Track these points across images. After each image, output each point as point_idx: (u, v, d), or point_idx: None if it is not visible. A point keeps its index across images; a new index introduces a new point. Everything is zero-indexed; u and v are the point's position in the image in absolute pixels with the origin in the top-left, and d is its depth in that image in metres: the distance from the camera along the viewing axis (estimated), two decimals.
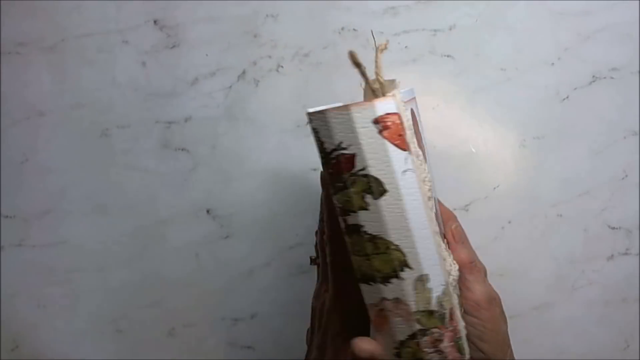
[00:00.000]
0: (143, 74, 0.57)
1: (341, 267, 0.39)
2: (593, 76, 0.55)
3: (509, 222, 0.55)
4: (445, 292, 0.34)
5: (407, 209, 0.32)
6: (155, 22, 0.57)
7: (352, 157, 0.32)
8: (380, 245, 0.33)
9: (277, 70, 0.56)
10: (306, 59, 0.56)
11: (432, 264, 0.34)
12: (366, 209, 0.33)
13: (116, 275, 0.58)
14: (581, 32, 0.55)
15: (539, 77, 0.55)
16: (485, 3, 0.55)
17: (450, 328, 0.35)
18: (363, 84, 0.35)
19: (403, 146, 0.32)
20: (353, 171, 0.32)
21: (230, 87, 0.56)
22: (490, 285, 0.40)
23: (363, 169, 0.32)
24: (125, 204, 0.58)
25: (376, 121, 0.32)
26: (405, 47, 0.55)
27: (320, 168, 0.49)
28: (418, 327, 0.34)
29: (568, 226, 0.55)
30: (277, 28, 0.56)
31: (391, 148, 0.32)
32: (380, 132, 0.32)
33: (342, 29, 0.56)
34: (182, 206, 0.57)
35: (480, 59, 0.55)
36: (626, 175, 0.55)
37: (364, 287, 0.35)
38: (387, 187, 0.32)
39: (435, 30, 0.55)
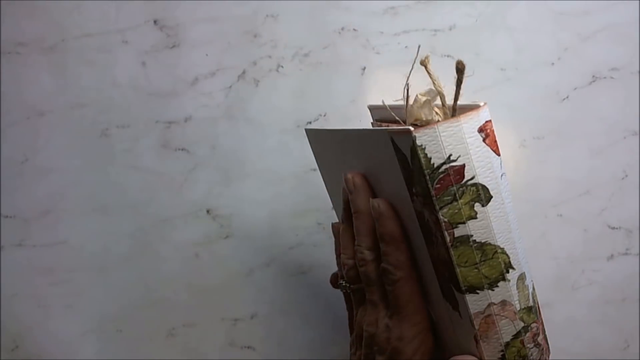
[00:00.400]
0: (143, 74, 0.57)
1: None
2: (593, 76, 0.55)
3: None
4: (534, 286, 0.36)
5: (507, 211, 0.34)
6: (155, 22, 0.57)
7: (462, 168, 0.33)
8: (488, 251, 0.34)
9: (277, 70, 0.56)
10: (306, 59, 0.56)
11: (526, 261, 0.35)
12: (475, 218, 0.33)
13: (116, 275, 0.58)
14: (581, 32, 0.55)
15: (539, 77, 0.55)
16: (485, 3, 0.55)
17: (541, 320, 0.36)
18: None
19: (498, 151, 0.34)
20: (462, 182, 0.33)
21: (230, 87, 0.56)
22: None
23: (472, 178, 0.33)
24: (125, 204, 0.58)
25: (480, 129, 0.33)
26: (405, 47, 0.55)
27: (317, 168, 0.49)
28: (522, 324, 0.35)
29: (568, 226, 0.55)
30: (277, 28, 0.56)
31: (492, 154, 0.33)
32: (484, 140, 0.33)
33: (342, 29, 0.56)
34: (182, 206, 0.57)
35: (480, 59, 0.55)
36: (626, 175, 0.55)
37: (470, 298, 0.35)
38: (492, 192, 0.33)
39: (435, 30, 0.55)
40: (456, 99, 0.35)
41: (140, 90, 0.57)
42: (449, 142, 0.32)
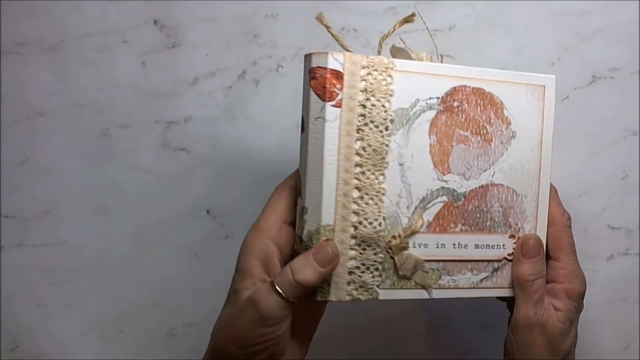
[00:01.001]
0: (143, 74, 0.57)
1: None
2: (593, 76, 0.55)
3: None
4: (318, 231, 0.39)
5: (310, 149, 0.39)
6: (155, 22, 0.57)
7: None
8: (301, 171, 0.40)
9: (277, 70, 0.56)
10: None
11: (316, 203, 0.39)
12: (300, 142, 0.40)
13: (116, 275, 0.58)
14: (581, 32, 0.55)
15: None
16: (485, 3, 0.55)
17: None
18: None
19: (323, 97, 0.38)
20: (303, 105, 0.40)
21: (230, 87, 0.56)
22: (544, 316, 0.40)
23: (303, 106, 0.40)
24: (125, 204, 0.58)
25: (309, 71, 0.39)
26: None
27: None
28: (295, 247, 0.41)
29: None
30: (277, 28, 0.56)
31: (312, 96, 0.38)
32: (309, 80, 0.39)
33: (342, 29, 0.56)
34: (182, 206, 0.57)
35: (480, 59, 0.55)
36: (626, 175, 0.55)
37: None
38: (304, 126, 0.39)
39: (435, 30, 0.55)
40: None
41: (140, 90, 0.57)
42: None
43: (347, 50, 0.40)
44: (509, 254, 0.42)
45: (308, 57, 0.39)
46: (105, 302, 0.58)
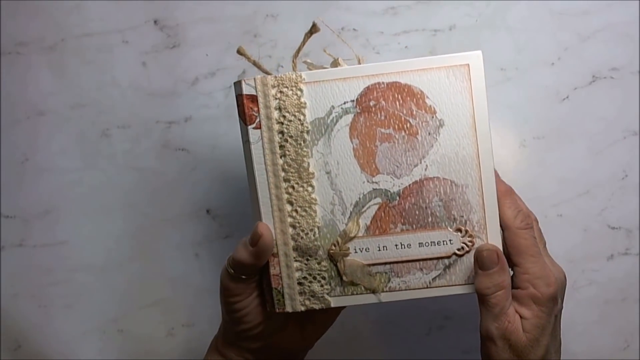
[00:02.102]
0: (143, 74, 0.57)
1: None
2: (593, 76, 0.55)
3: None
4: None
5: (247, 172, 0.41)
6: (155, 22, 0.57)
7: None
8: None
9: (277, 71, 0.56)
10: (306, 59, 0.56)
11: (257, 220, 0.41)
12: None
13: (116, 275, 0.58)
14: (581, 32, 0.55)
15: (539, 77, 0.55)
16: (485, 3, 0.55)
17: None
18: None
19: (245, 121, 0.41)
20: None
21: (230, 87, 0.56)
22: (507, 329, 0.39)
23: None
24: (125, 204, 0.58)
25: (235, 98, 0.41)
26: (405, 47, 0.55)
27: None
28: None
29: (568, 226, 0.55)
30: (277, 28, 0.56)
31: (239, 122, 0.41)
32: (238, 107, 0.41)
33: (342, 29, 0.56)
34: (182, 206, 0.58)
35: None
36: (626, 175, 0.55)
37: None
38: (242, 154, 0.42)
39: (435, 30, 0.55)
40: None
41: (140, 90, 0.57)
42: None
43: (268, 74, 0.42)
44: (458, 249, 0.41)
45: (234, 86, 0.41)
46: (106, 302, 0.58)
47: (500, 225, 0.40)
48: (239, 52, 0.43)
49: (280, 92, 0.40)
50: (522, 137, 0.55)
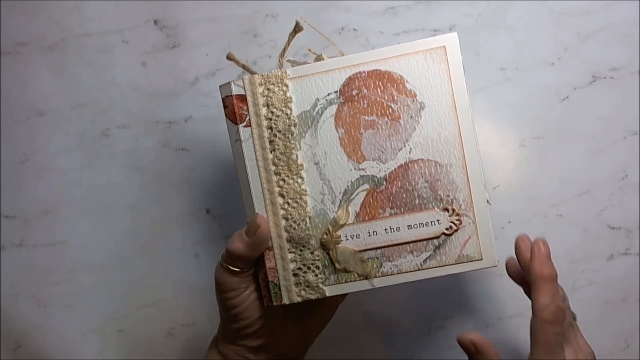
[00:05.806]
0: (143, 74, 0.57)
1: None
2: (593, 76, 0.55)
3: (509, 222, 0.55)
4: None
5: (238, 170, 0.43)
6: (155, 22, 0.57)
7: None
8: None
9: None
10: (306, 59, 0.56)
11: (251, 214, 0.42)
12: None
13: (116, 275, 0.58)
14: (581, 32, 0.55)
15: (539, 77, 0.55)
16: (485, 3, 0.55)
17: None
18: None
19: (235, 120, 0.42)
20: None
21: None
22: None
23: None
24: (125, 204, 0.58)
25: (222, 102, 0.43)
26: None
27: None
28: None
29: (568, 226, 0.55)
30: (277, 28, 0.56)
31: (228, 122, 0.43)
32: (224, 110, 0.43)
33: (342, 29, 0.56)
34: (182, 206, 0.58)
35: (480, 59, 0.55)
36: (626, 175, 0.55)
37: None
38: (231, 152, 0.43)
39: (435, 30, 0.55)
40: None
41: (140, 90, 0.57)
42: None
43: (254, 74, 0.43)
44: (446, 229, 0.41)
45: (220, 90, 0.43)
46: (106, 302, 0.58)
47: (532, 310, 0.40)
48: (229, 57, 0.44)
49: (267, 89, 0.42)
50: (522, 137, 0.55)
